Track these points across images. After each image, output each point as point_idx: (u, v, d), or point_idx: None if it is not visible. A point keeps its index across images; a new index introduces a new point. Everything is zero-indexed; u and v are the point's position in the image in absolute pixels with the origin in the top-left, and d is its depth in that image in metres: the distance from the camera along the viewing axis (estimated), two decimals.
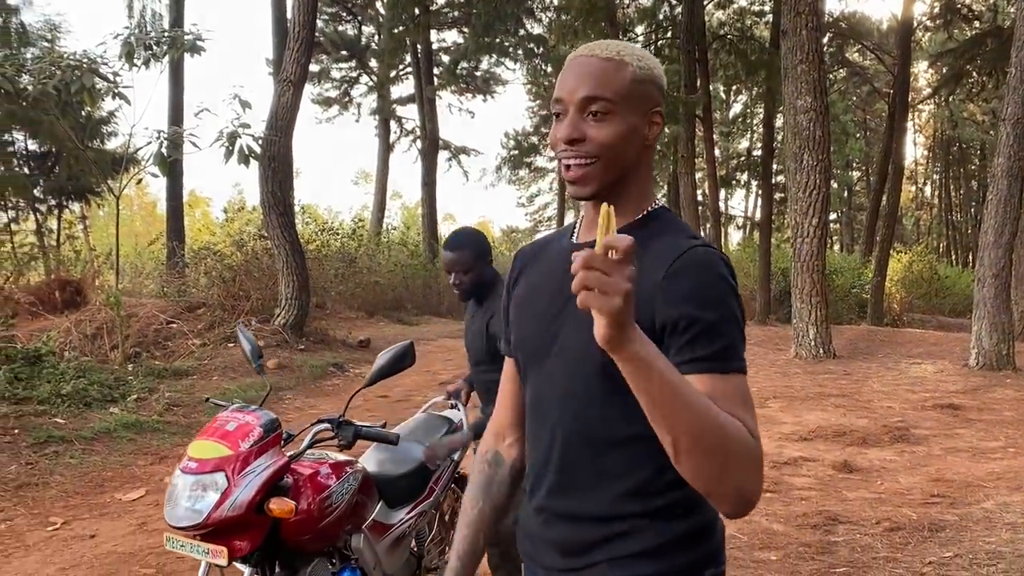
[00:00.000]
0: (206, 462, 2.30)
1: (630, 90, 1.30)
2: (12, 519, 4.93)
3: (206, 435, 2.42)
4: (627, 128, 1.30)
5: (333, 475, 2.58)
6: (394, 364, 2.76)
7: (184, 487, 2.29)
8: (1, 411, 6.55)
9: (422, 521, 3.12)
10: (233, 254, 14.10)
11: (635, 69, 1.31)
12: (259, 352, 2.85)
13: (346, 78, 30.12)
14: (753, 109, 33.32)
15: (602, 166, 1.30)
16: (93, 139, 17.13)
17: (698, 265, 1.25)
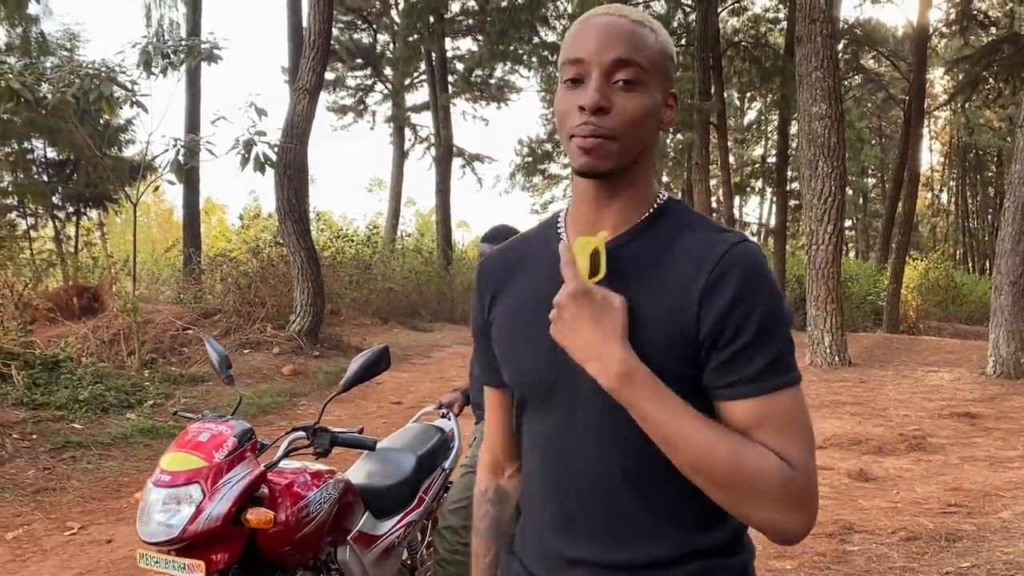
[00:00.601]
0: (179, 474, 2.25)
1: (660, 62, 1.16)
2: (30, 524, 4.97)
3: (178, 447, 2.36)
4: (653, 104, 1.16)
5: (311, 484, 2.54)
6: (368, 369, 2.71)
7: (157, 501, 2.23)
8: (19, 416, 6.61)
9: (412, 531, 3.09)
10: (249, 261, 14.17)
11: (664, 40, 1.18)
12: (228, 362, 2.82)
13: (361, 86, 30.24)
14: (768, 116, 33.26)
15: (620, 146, 1.13)
16: (111, 147, 17.31)
17: (745, 267, 1.10)
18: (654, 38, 1.15)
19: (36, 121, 13.50)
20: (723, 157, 20.58)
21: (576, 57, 1.13)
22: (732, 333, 1.08)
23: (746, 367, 1.08)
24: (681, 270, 1.12)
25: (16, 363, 7.63)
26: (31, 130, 14.97)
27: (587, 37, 1.13)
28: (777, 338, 1.10)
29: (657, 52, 1.15)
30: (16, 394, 7.06)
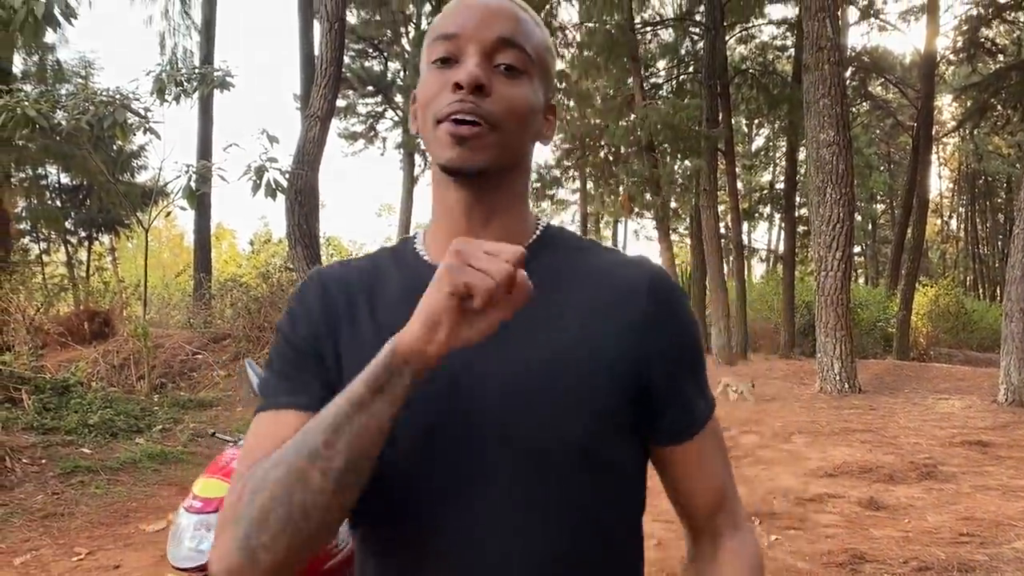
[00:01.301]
0: (211, 501, 2.26)
1: (544, 56, 1.01)
2: (38, 549, 4.97)
3: (212, 473, 2.38)
4: (536, 101, 0.99)
5: None
6: None
7: (188, 526, 2.25)
8: (29, 441, 6.64)
9: None
10: (259, 286, 14.25)
11: (547, 36, 1.04)
12: None
13: (372, 113, 30.50)
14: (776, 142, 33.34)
15: (500, 138, 0.94)
16: (124, 172, 17.48)
17: (677, 303, 1.01)
18: (539, 30, 1.01)
19: (50, 147, 13.67)
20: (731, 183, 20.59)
21: (450, 32, 0.96)
22: (680, 375, 1.00)
23: (694, 407, 1.02)
24: (601, 298, 0.98)
25: (27, 388, 7.68)
26: (45, 156, 15.14)
27: (465, 13, 0.96)
28: (703, 368, 1.05)
29: (542, 45, 1.01)
30: (26, 419, 7.10)
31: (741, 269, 20.73)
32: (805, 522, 5.36)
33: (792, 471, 6.78)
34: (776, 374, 14.36)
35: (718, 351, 16.68)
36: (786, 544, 4.91)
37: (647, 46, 23.85)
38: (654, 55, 23.98)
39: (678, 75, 23.38)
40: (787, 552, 4.75)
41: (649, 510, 1.22)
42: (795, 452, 7.55)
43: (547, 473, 0.90)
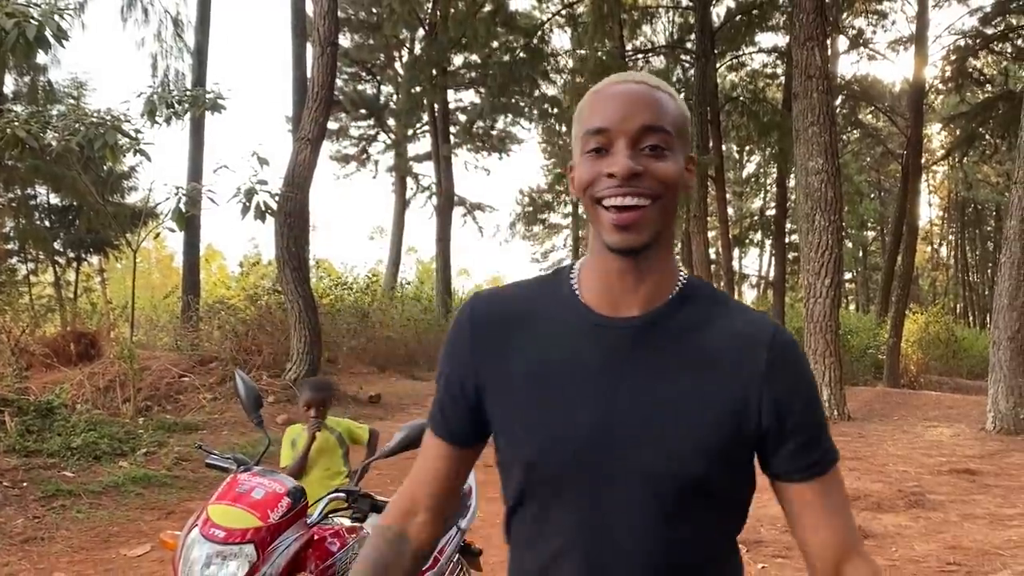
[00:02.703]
0: (234, 532, 2.20)
1: (683, 125, 1.14)
2: (16, 574, 4.89)
3: (229, 499, 2.30)
4: (680, 168, 1.11)
5: (338, 542, 2.50)
6: (416, 440, 2.62)
7: (203, 555, 2.18)
8: (11, 464, 6.55)
9: None
10: (247, 308, 14.19)
11: (682, 104, 1.17)
12: (259, 401, 2.77)
13: (364, 136, 30.64)
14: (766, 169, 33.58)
15: (660, 208, 1.08)
16: (113, 193, 17.46)
17: (794, 356, 1.15)
18: (674, 103, 1.13)
19: (40, 168, 13.66)
20: (721, 209, 20.74)
21: (599, 127, 1.08)
22: (793, 425, 1.12)
23: (811, 455, 1.13)
24: (727, 350, 1.12)
25: (9, 409, 7.59)
26: (35, 177, 15.13)
27: (608, 106, 1.09)
28: (825, 424, 1.17)
29: (680, 116, 1.13)
30: (8, 441, 7.01)
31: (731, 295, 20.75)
32: (792, 550, 5.32)
33: None
34: None
35: None
36: (773, 572, 4.88)
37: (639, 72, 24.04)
38: None
39: None
40: None
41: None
42: None
43: (667, 495, 1.09)
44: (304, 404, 3.57)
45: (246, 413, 2.78)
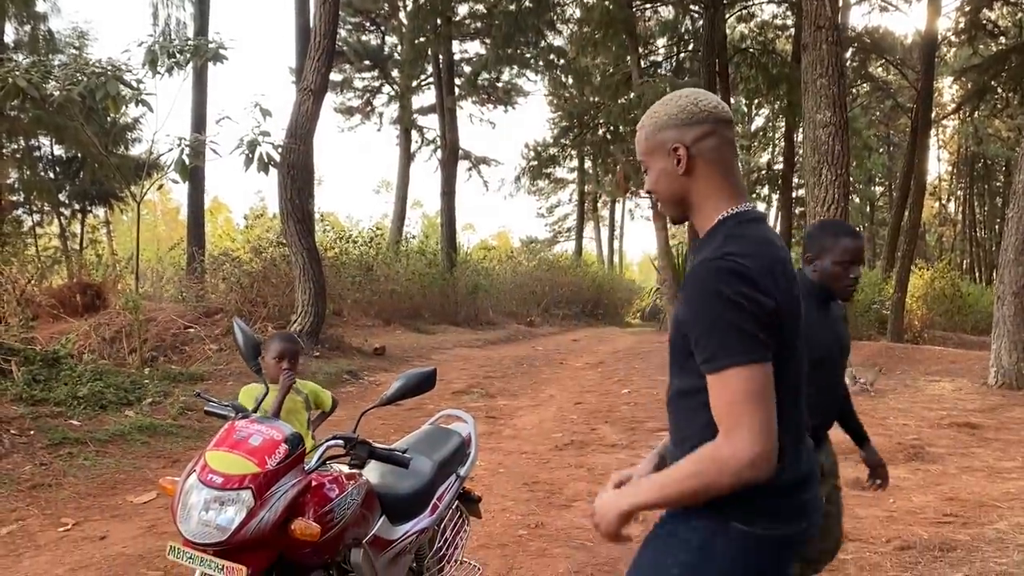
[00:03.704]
0: (232, 477, 2.22)
1: (647, 146, 1.76)
2: (25, 519, 4.98)
3: (226, 446, 2.32)
4: (657, 172, 1.75)
5: (337, 488, 2.51)
6: (415, 388, 2.70)
7: (201, 500, 2.21)
8: (18, 412, 6.62)
9: (423, 537, 3.05)
10: (252, 260, 14.20)
11: (647, 129, 1.75)
12: (257, 350, 2.76)
13: (368, 87, 30.32)
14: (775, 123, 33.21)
15: (661, 201, 1.80)
16: (117, 145, 17.36)
17: (691, 281, 1.60)
18: (643, 133, 1.76)
19: (43, 119, 13.56)
20: None
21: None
22: (687, 331, 1.61)
23: (700, 356, 1.57)
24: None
25: (16, 359, 7.65)
26: (38, 128, 15.03)
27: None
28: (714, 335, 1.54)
29: (645, 141, 1.76)
30: (15, 390, 7.08)
31: None
32: None
33: None
34: None
35: None
36: None
37: (646, 23, 23.68)
38: (653, 33, 23.80)
39: (677, 53, 23.25)
40: None
41: None
42: None
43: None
44: (276, 356, 3.38)
45: (244, 361, 2.79)
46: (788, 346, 1.61)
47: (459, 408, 4.40)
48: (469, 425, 3.60)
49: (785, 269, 1.64)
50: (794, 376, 1.66)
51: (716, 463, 1.51)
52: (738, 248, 1.57)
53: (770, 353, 1.53)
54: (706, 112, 1.68)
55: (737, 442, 1.48)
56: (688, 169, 1.68)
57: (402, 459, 2.57)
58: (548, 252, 36.20)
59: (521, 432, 7.79)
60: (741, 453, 1.48)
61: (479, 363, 13.06)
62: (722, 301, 1.51)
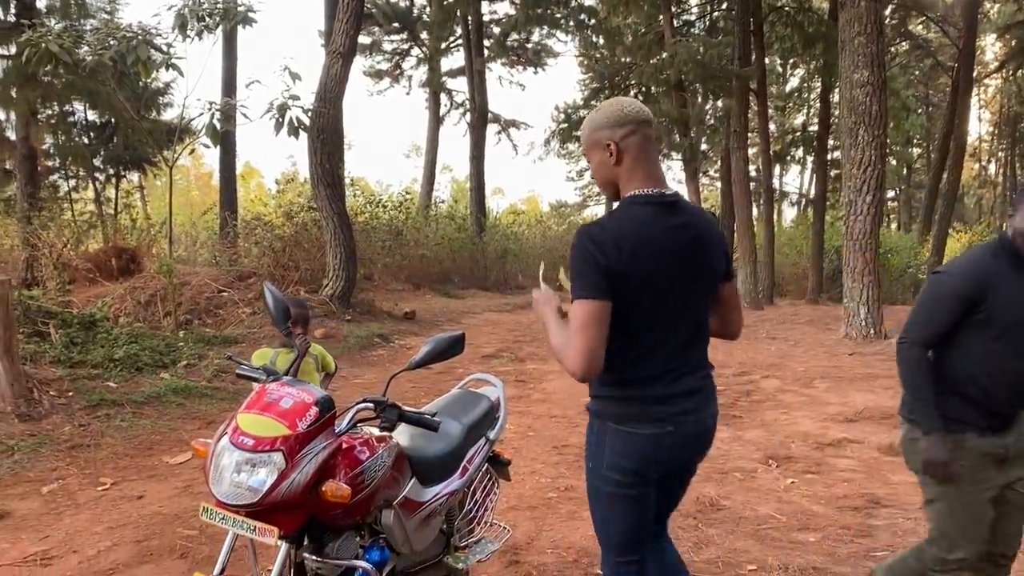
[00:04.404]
0: (263, 440, 2.23)
1: (589, 144, 2.32)
2: (65, 479, 5.09)
3: (258, 408, 2.33)
4: (596, 163, 2.32)
5: (367, 451, 2.51)
6: (443, 352, 2.70)
7: (233, 462, 2.21)
8: (57, 374, 6.75)
9: (453, 499, 3.06)
10: (283, 225, 14.28)
11: (587, 131, 2.31)
12: (287, 313, 2.76)
13: (397, 50, 30.13)
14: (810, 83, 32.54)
15: (599, 185, 2.37)
16: (149, 110, 17.43)
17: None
18: (584, 135, 2.33)
19: (76, 84, 13.63)
20: (763, 125, 20.16)
21: None
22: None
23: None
24: None
25: (54, 322, 7.79)
26: (71, 93, 15.13)
27: None
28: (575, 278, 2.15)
29: (586, 140, 2.33)
30: (54, 352, 7.21)
31: (770, 213, 20.43)
32: (822, 466, 5.34)
33: (812, 416, 6.75)
34: (801, 319, 14.25)
35: (743, 295, 16.55)
36: (802, 488, 4.90)
37: None
38: None
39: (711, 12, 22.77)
40: (803, 496, 4.74)
41: None
42: (816, 397, 7.51)
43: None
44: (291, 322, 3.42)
45: (275, 325, 2.79)
46: (631, 298, 2.15)
47: (488, 372, 4.41)
48: (498, 389, 3.59)
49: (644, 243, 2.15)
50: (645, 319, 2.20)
51: (562, 353, 2.15)
52: (606, 220, 2.20)
53: (605, 295, 2.09)
54: (630, 116, 2.22)
55: (569, 353, 2.11)
56: (618, 160, 2.25)
57: (431, 422, 2.56)
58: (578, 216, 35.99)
59: (550, 396, 7.80)
60: (567, 363, 2.12)
61: (508, 327, 13.08)
62: (579, 254, 2.14)
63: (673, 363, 2.27)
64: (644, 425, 2.24)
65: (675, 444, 2.29)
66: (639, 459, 2.27)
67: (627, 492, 2.32)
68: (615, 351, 2.15)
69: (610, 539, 2.45)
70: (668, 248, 2.19)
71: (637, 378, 2.24)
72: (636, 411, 2.25)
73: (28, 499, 4.74)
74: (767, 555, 3.85)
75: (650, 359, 2.24)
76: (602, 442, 2.31)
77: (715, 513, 4.46)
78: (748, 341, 11.48)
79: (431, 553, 3.05)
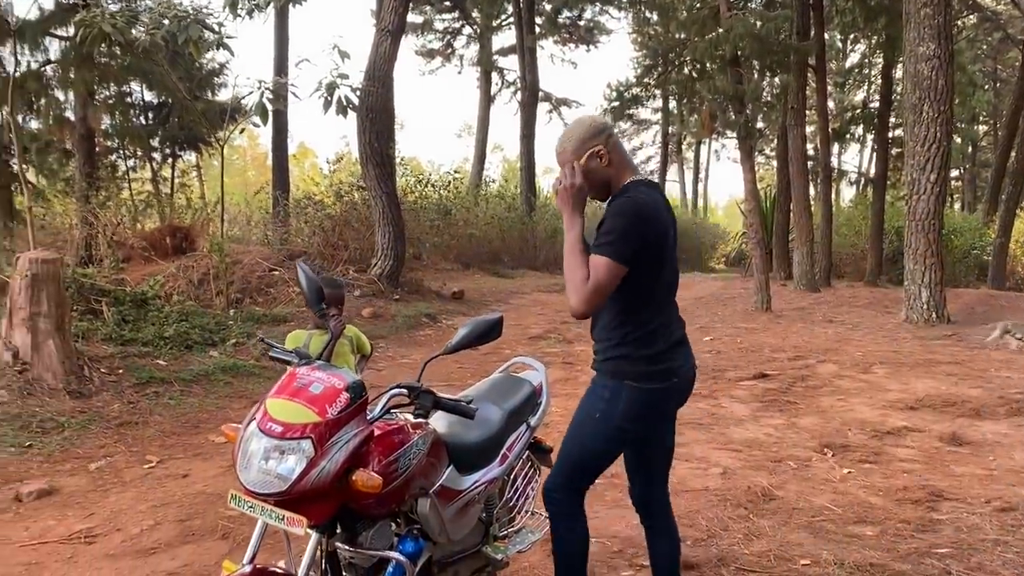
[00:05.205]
0: (292, 426, 2.14)
1: (577, 155, 2.60)
2: (112, 456, 5.14)
3: (287, 394, 2.24)
4: (589, 174, 2.60)
5: (401, 438, 2.42)
6: (480, 337, 2.59)
7: (261, 449, 2.14)
8: (107, 351, 6.84)
9: (493, 488, 2.97)
10: (333, 204, 14.33)
11: (573, 144, 2.60)
12: (321, 294, 2.68)
13: (448, 29, 29.99)
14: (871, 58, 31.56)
15: (590, 188, 2.64)
16: (204, 90, 17.60)
17: (614, 208, 2.50)
18: (569, 148, 2.61)
19: (132, 64, 13.79)
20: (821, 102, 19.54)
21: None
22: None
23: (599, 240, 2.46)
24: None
25: (107, 299, 7.89)
26: (128, 74, 15.32)
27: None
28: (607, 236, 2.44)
29: (573, 154, 2.60)
30: (105, 330, 7.31)
31: (828, 192, 19.86)
32: (881, 456, 5.13)
33: (870, 403, 6.51)
34: (860, 302, 13.84)
35: (799, 277, 16.14)
36: (860, 478, 4.71)
37: None
38: None
39: None
40: (860, 487, 4.55)
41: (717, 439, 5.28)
42: (874, 383, 7.24)
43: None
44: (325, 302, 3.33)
45: (308, 306, 2.71)
46: (653, 266, 2.52)
47: (535, 354, 4.31)
48: (540, 373, 3.48)
49: (660, 218, 2.53)
50: (655, 282, 2.56)
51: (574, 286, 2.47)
52: (643, 197, 2.51)
53: (629, 264, 2.42)
54: (600, 124, 2.62)
55: (584, 294, 2.43)
56: (609, 162, 2.58)
57: (467, 410, 2.46)
58: None
59: None
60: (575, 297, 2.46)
61: (557, 308, 12.94)
62: (629, 223, 2.44)
63: (667, 318, 2.64)
64: (656, 380, 2.57)
65: (678, 393, 2.70)
66: (654, 412, 2.64)
67: (623, 437, 2.65)
68: (631, 312, 2.56)
69: (585, 469, 2.76)
70: (668, 221, 2.60)
71: (647, 337, 2.56)
72: (650, 369, 2.56)
73: (76, 475, 4.80)
74: (821, 549, 3.69)
75: (656, 318, 2.59)
76: (617, 398, 2.58)
77: (767, 504, 4.31)
78: (804, 324, 11.19)
79: (469, 543, 2.96)
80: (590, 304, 2.42)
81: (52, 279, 6.03)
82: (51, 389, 5.87)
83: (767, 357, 8.65)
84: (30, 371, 5.91)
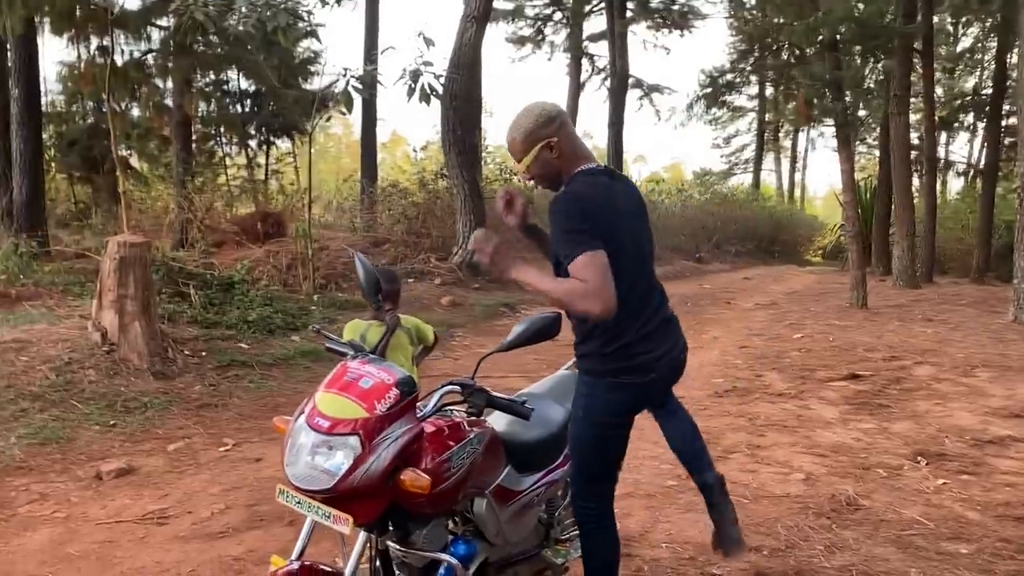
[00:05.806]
0: (340, 422, 2.09)
1: (526, 146, 2.51)
2: (191, 437, 5.24)
3: (337, 388, 2.20)
4: (538, 166, 2.52)
5: (455, 436, 2.34)
6: (537, 334, 2.50)
7: (308, 444, 2.10)
8: (193, 334, 7.00)
9: (553, 489, 2.86)
10: (418, 192, 14.41)
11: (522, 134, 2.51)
12: (378, 286, 2.60)
13: (539, 15, 29.77)
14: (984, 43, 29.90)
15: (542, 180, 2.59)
16: (297, 78, 17.93)
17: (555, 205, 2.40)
18: (519, 138, 2.52)
19: (227, 53, 14.15)
20: (927, 88, 18.59)
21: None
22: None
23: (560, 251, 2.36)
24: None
25: (195, 283, 8.09)
26: (223, 62, 15.73)
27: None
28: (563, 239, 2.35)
29: (523, 144, 2.51)
30: (192, 312, 7.49)
31: (932, 184, 18.91)
32: (981, 467, 4.79)
33: (971, 409, 6.10)
34: (963, 300, 13.11)
35: (899, 272, 15.41)
36: (956, 490, 4.40)
37: None
38: None
39: None
40: (956, 499, 4.25)
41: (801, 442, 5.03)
42: (976, 388, 6.80)
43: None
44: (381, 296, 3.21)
45: (365, 298, 2.64)
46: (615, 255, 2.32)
47: None
48: None
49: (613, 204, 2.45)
50: (626, 274, 2.36)
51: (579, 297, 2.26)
52: (580, 188, 2.43)
53: (604, 247, 2.28)
54: (551, 112, 2.49)
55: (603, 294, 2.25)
56: (560, 153, 2.48)
57: (523, 411, 2.35)
58: (723, 185, 34.72)
59: None
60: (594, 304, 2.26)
61: None
62: (573, 213, 2.35)
63: (635, 309, 2.48)
64: (632, 374, 2.49)
65: (660, 383, 2.65)
66: (631, 404, 2.58)
67: (613, 432, 2.60)
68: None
69: (592, 469, 2.66)
70: (629, 208, 2.54)
71: (612, 329, 2.43)
72: (621, 364, 2.47)
73: (154, 456, 4.90)
74: (910, 566, 3.44)
75: (629, 310, 2.41)
76: (594, 394, 2.54)
77: (852, 514, 4.06)
78: (901, 323, 10.65)
79: (528, 545, 2.85)
80: (602, 297, 2.23)
81: (139, 262, 6.19)
82: (136, 369, 6.04)
83: (860, 357, 8.25)
84: (117, 352, 6.09)
